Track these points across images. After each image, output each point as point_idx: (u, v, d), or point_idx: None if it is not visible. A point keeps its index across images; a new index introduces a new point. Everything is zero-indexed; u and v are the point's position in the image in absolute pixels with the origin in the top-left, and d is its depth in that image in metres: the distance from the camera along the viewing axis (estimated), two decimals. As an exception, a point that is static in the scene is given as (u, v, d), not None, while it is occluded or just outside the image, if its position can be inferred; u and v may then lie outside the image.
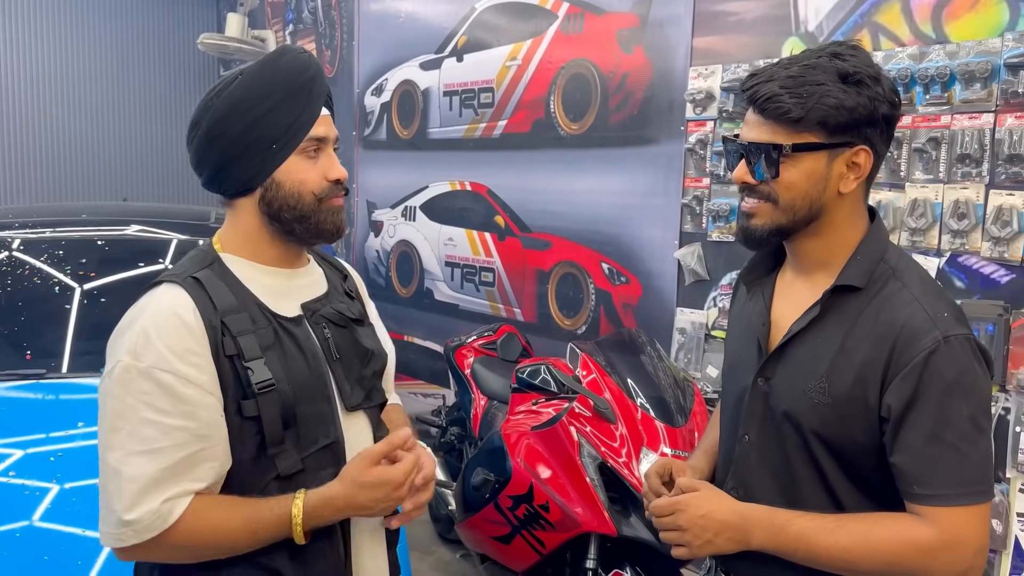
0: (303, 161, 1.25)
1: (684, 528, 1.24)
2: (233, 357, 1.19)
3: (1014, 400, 2.51)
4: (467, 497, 2.76)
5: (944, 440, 1.13)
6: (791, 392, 1.24)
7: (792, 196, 1.20)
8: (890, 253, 1.25)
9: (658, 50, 3.51)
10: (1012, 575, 2.55)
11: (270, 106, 1.22)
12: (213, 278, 1.24)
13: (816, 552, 1.18)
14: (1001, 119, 2.51)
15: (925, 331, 1.14)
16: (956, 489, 1.13)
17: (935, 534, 1.13)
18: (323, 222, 1.28)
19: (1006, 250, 2.51)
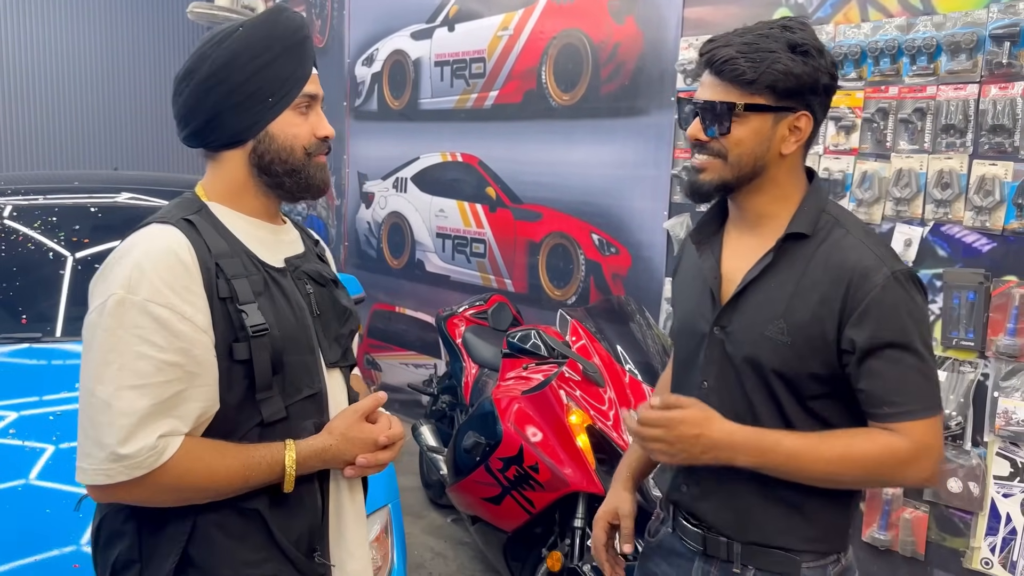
0: (296, 116, 1.27)
1: (672, 442, 1.27)
2: (226, 300, 1.19)
3: (992, 366, 2.57)
4: (458, 461, 2.81)
5: (906, 363, 1.26)
6: (750, 336, 1.33)
7: (740, 152, 1.31)
8: (830, 206, 1.37)
9: (649, 20, 3.52)
10: (988, 535, 2.63)
11: (269, 59, 1.24)
12: (204, 223, 1.24)
13: (802, 466, 1.28)
14: (985, 90, 2.54)
15: (875, 269, 1.27)
16: (921, 404, 1.27)
17: (908, 444, 1.26)
18: (312, 176, 1.30)
19: (988, 219, 2.55)
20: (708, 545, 1.38)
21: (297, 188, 1.30)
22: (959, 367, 2.63)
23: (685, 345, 1.45)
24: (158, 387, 1.13)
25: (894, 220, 2.76)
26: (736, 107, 1.29)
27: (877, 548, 2.84)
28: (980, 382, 2.60)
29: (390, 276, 5.10)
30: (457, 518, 3.65)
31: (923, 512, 2.74)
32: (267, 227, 1.32)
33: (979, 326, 2.57)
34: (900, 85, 2.72)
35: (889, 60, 2.73)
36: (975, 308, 2.58)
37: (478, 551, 3.38)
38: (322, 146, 1.31)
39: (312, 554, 1.28)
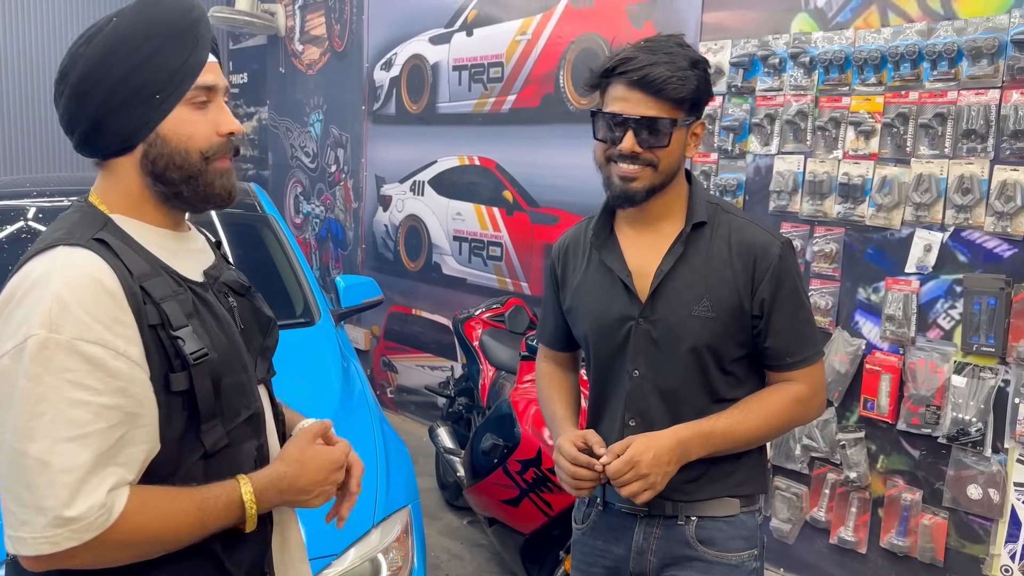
0: (191, 112, 1.10)
1: (647, 473, 1.40)
2: (157, 327, 1.05)
3: (1013, 372, 2.56)
4: (475, 463, 2.82)
5: (800, 318, 1.51)
6: (678, 319, 1.49)
7: (670, 161, 1.47)
8: (708, 196, 1.58)
9: (668, 25, 3.53)
10: (1008, 542, 2.61)
11: (151, 50, 1.07)
12: (116, 240, 1.07)
13: (737, 439, 1.48)
14: (1007, 95, 2.54)
15: (771, 243, 1.50)
16: (813, 349, 1.53)
17: (807, 387, 1.52)
18: (212, 184, 1.13)
19: (1009, 225, 2.54)
20: (652, 507, 1.51)
21: (196, 197, 1.13)
22: (979, 373, 2.62)
23: (605, 342, 1.56)
24: (99, 435, 0.98)
25: (914, 225, 2.75)
26: (677, 123, 1.44)
27: (896, 554, 2.84)
28: (1001, 388, 2.59)
29: (407, 279, 5.13)
30: (473, 520, 3.66)
31: (942, 519, 2.73)
32: (175, 237, 1.17)
33: (1000, 332, 2.56)
34: (920, 90, 2.72)
35: (910, 65, 2.73)
36: (996, 314, 2.57)
37: (495, 553, 3.39)
38: (225, 145, 1.13)
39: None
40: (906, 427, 2.78)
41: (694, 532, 1.52)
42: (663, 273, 1.49)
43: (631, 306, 1.52)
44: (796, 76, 3.03)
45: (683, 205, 1.54)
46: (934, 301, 2.72)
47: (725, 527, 1.53)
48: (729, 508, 1.53)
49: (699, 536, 1.52)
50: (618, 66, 1.44)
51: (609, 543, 1.58)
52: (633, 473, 1.39)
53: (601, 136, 1.49)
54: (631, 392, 1.53)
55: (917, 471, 2.79)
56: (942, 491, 2.71)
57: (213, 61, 1.14)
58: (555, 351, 1.74)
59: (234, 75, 6.90)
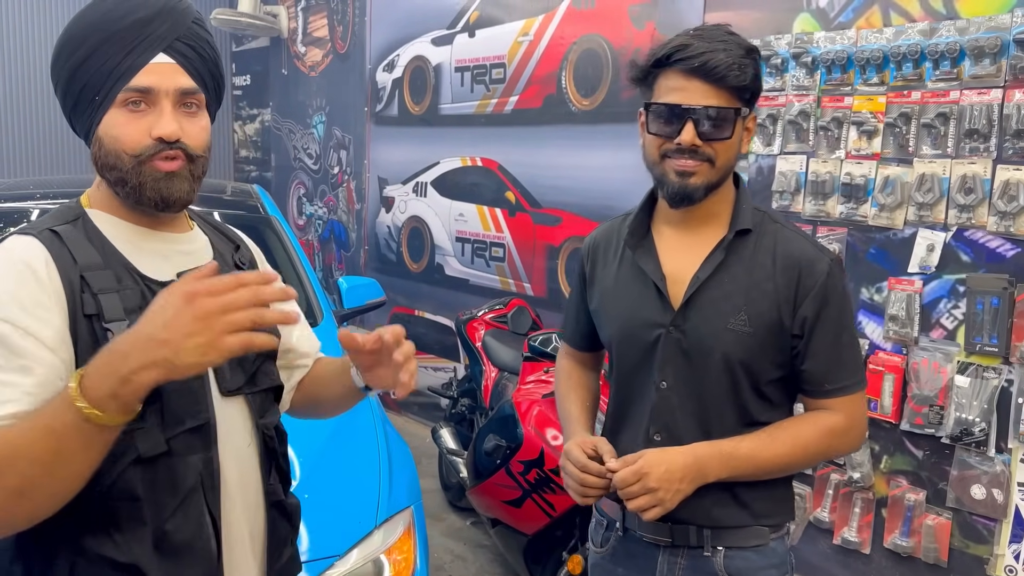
0: (123, 115, 1.09)
1: (655, 488, 1.31)
2: (92, 317, 1.04)
3: (1017, 372, 2.55)
4: (478, 464, 2.83)
5: (843, 342, 1.40)
6: (712, 330, 1.38)
7: (728, 156, 1.38)
8: (757, 204, 1.46)
9: (670, 26, 3.53)
10: (1012, 542, 2.61)
11: (87, 52, 1.08)
12: (75, 233, 1.10)
13: (761, 464, 1.38)
14: (1009, 94, 2.53)
15: (818, 259, 1.39)
16: (854, 378, 1.41)
17: (843, 418, 1.40)
18: (143, 187, 1.09)
19: (1012, 224, 2.54)
20: (676, 536, 1.42)
21: (131, 200, 1.11)
22: (983, 373, 2.62)
23: (632, 349, 1.45)
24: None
25: (916, 225, 2.75)
26: (741, 112, 1.35)
27: (899, 555, 2.83)
28: (1004, 388, 2.58)
29: (410, 280, 5.13)
30: (476, 521, 3.66)
31: (946, 519, 2.73)
32: (158, 236, 1.16)
33: (1003, 332, 2.56)
34: (923, 90, 2.72)
35: (912, 65, 2.72)
36: (999, 314, 2.56)
37: (497, 554, 3.39)
38: (157, 147, 1.09)
39: None
40: (909, 427, 2.77)
41: (723, 564, 1.41)
42: (700, 280, 1.39)
43: (662, 313, 1.41)
44: (798, 76, 3.03)
45: (728, 209, 1.43)
46: (937, 301, 2.72)
47: (756, 557, 1.42)
48: (759, 537, 1.42)
49: (729, 568, 1.41)
50: (673, 54, 1.34)
51: (631, 572, 1.48)
52: (640, 485, 1.31)
53: (656, 130, 1.37)
54: (657, 404, 1.42)
55: (921, 471, 2.79)
56: (946, 491, 2.71)
57: (166, 62, 1.10)
58: (577, 350, 1.66)
59: (237, 77, 6.92)
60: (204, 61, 1.15)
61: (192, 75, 1.13)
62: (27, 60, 6.12)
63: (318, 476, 2.07)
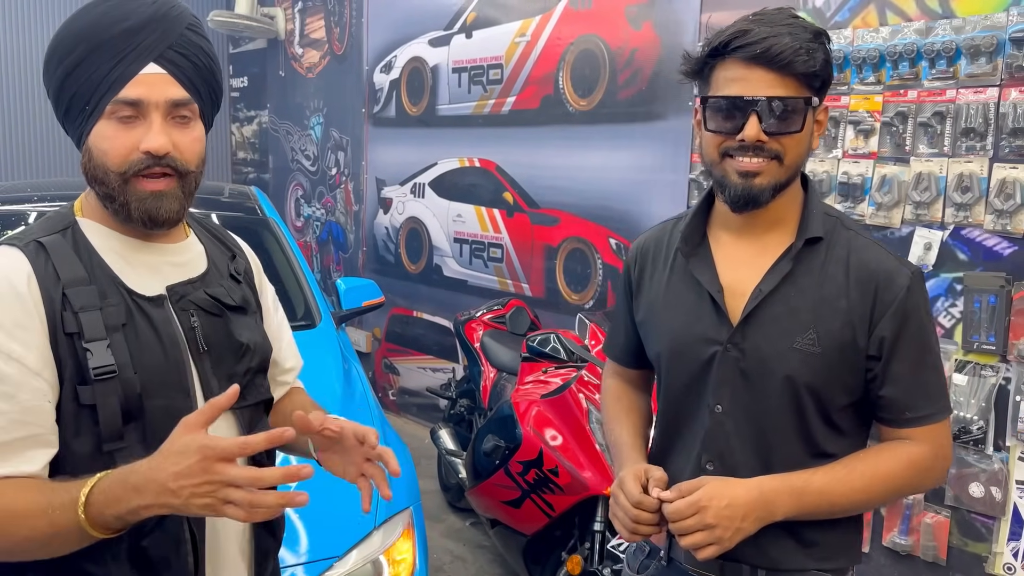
0: (114, 127, 1.06)
1: (713, 524, 1.16)
2: (73, 336, 1.02)
3: (1014, 370, 2.56)
4: (477, 464, 2.83)
5: (927, 364, 1.25)
6: (777, 350, 1.23)
7: (798, 152, 1.22)
8: (827, 207, 1.31)
9: (667, 26, 3.54)
10: (1010, 540, 2.61)
11: (76, 60, 1.05)
12: (63, 245, 1.07)
13: (836, 501, 1.23)
14: (1006, 93, 2.54)
15: (898, 271, 1.23)
16: (939, 406, 1.25)
17: (928, 450, 1.25)
18: (128, 206, 1.07)
19: (1009, 223, 2.54)
20: (726, 571, 1.29)
21: (120, 216, 1.09)
22: (980, 371, 2.62)
23: (683, 369, 1.32)
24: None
25: (914, 224, 2.75)
26: (812, 102, 1.20)
27: (898, 553, 2.83)
28: (1002, 386, 2.59)
29: (408, 281, 5.13)
30: (476, 522, 3.67)
31: (944, 517, 2.73)
32: (150, 247, 1.13)
33: (1000, 330, 2.56)
34: (919, 89, 2.72)
35: (908, 64, 2.73)
36: (996, 312, 2.57)
37: (497, 555, 3.39)
38: (144, 161, 1.05)
39: None
40: (907, 426, 2.77)
41: None
42: (763, 294, 1.24)
43: (719, 328, 1.27)
44: (795, 76, 3.03)
45: (796, 214, 1.27)
46: (934, 299, 2.72)
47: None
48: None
49: None
50: (732, 40, 1.20)
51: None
52: (697, 519, 1.16)
53: (715, 126, 1.22)
54: (711, 430, 1.28)
55: (919, 470, 2.79)
56: (944, 489, 2.71)
57: (156, 73, 1.07)
58: (624, 367, 1.50)
59: (234, 79, 6.92)
60: (198, 69, 1.12)
61: (184, 84, 1.09)
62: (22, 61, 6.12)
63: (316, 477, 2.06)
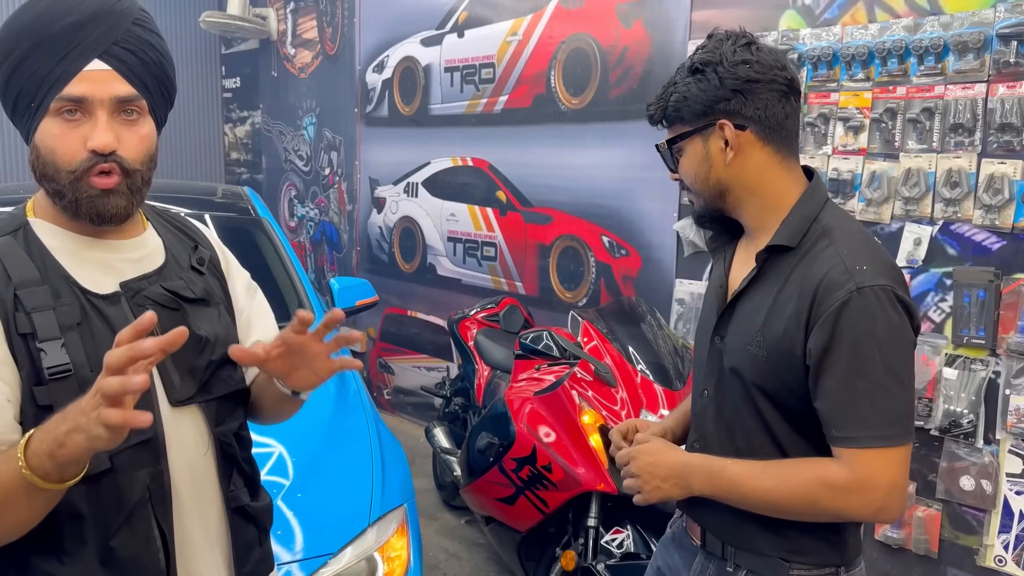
0: (58, 125, 1.05)
1: (637, 474, 1.36)
2: (27, 336, 1.02)
3: (1003, 363, 2.57)
4: (472, 462, 2.84)
5: (857, 386, 1.19)
6: (736, 347, 1.33)
7: (691, 180, 1.38)
8: (824, 213, 1.32)
9: (657, 24, 3.55)
10: (1001, 533, 2.63)
11: (20, 56, 1.04)
12: (13, 246, 1.07)
13: (745, 494, 1.29)
14: (993, 89, 2.56)
15: (841, 283, 1.21)
16: (868, 432, 1.20)
17: (848, 474, 1.21)
18: (79, 203, 1.06)
19: (997, 217, 2.56)
20: (707, 542, 1.41)
21: (69, 212, 1.08)
22: (970, 365, 2.64)
23: (698, 353, 1.48)
24: None
25: (903, 219, 2.77)
26: (670, 143, 1.39)
27: (890, 547, 2.85)
28: (991, 380, 2.61)
29: (402, 280, 5.14)
30: (471, 519, 3.68)
31: (936, 510, 2.75)
32: (103, 244, 1.13)
33: (990, 324, 2.58)
34: (908, 85, 2.74)
35: (897, 60, 2.75)
36: (985, 306, 2.59)
37: (492, 552, 3.40)
38: (93, 160, 1.05)
39: None
40: (899, 420, 2.79)
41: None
42: (736, 293, 1.36)
43: (715, 320, 1.40)
44: (785, 73, 3.04)
45: (781, 219, 1.34)
46: (924, 294, 2.74)
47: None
48: (775, 570, 1.33)
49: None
50: None
51: (678, 561, 1.50)
52: (628, 467, 1.38)
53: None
54: (699, 413, 1.44)
55: (910, 463, 2.81)
56: (935, 483, 2.73)
57: (99, 69, 1.05)
58: None
59: (227, 79, 6.91)
60: (146, 65, 1.10)
61: (131, 81, 1.07)
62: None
63: (311, 475, 2.07)
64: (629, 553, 2.39)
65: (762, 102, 1.30)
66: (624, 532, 2.42)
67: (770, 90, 1.30)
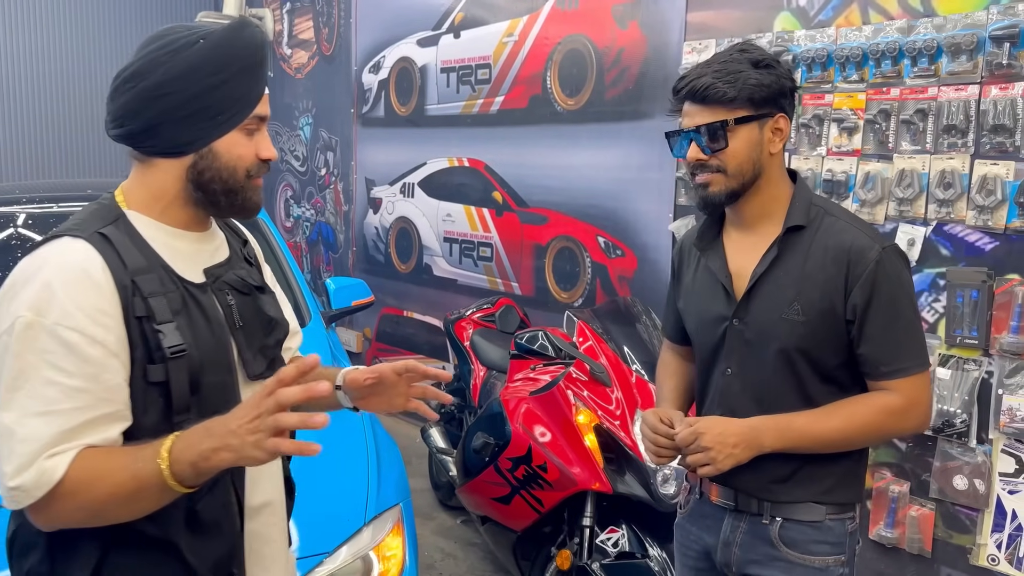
0: (243, 136, 1.24)
1: (709, 447, 1.46)
2: (143, 319, 1.14)
3: (996, 363, 2.59)
4: (467, 462, 2.84)
5: (898, 326, 1.47)
6: (769, 321, 1.51)
7: (739, 162, 1.50)
8: (815, 198, 1.57)
9: (653, 25, 3.56)
10: (994, 532, 2.65)
11: (226, 77, 1.20)
12: (120, 236, 1.18)
13: (818, 438, 1.48)
14: (986, 90, 2.57)
15: (868, 247, 1.47)
16: (912, 361, 1.48)
17: (902, 399, 1.48)
18: (248, 199, 1.27)
19: (990, 218, 2.58)
20: (740, 502, 1.57)
21: (232, 208, 1.27)
22: (963, 365, 2.65)
23: (705, 340, 1.62)
24: (64, 415, 1.08)
25: (897, 220, 2.78)
26: (728, 123, 1.48)
27: (884, 546, 2.86)
28: (984, 380, 2.62)
29: (398, 280, 5.15)
30: (467, 519, 3.68)
31: (929, 509, 2.76)
32: (188, 237, 1.27)
33: (983, 324, 2.59)
34: (901, 87, 2.75)
35: (890, 62, 2.76)
36: (978, 306, 2.60)
37: (488, 552, 3.41)
38: (263, 168, 1.28)
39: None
40: (892, 420, 2.80)
41: (778, 532, 1.54)
42: (757, 275, 1.52)
43: (728, 307, 1.56)
44: (780, 74, 3.06)
45: (783, 208, 1.55)
46: (918, 294, 2.76)
47: (810, 531, 1.53)
48: (815, 514, 1.53)
49: (783, 537, 1.54)
50: (676, 84, 1.55)
51: (702, 531, 1.64)
52: (697, 443, 1.47)
53: (675, 154, 1.57)
54: (723, 389, 1.58)
55: (904, 463, 2.82)
56: (929, 483, 2.74)
57: (266, 94, 1.26)
58: (674, 343, 1.82)
59: (223, 80, 6.90)
60: None
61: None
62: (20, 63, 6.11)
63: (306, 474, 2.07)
64: (624, 552, 2.40)
65: (794, 106, 1.56)
66: (619, 531, 2.43)
67: (795, 96, 1.56)
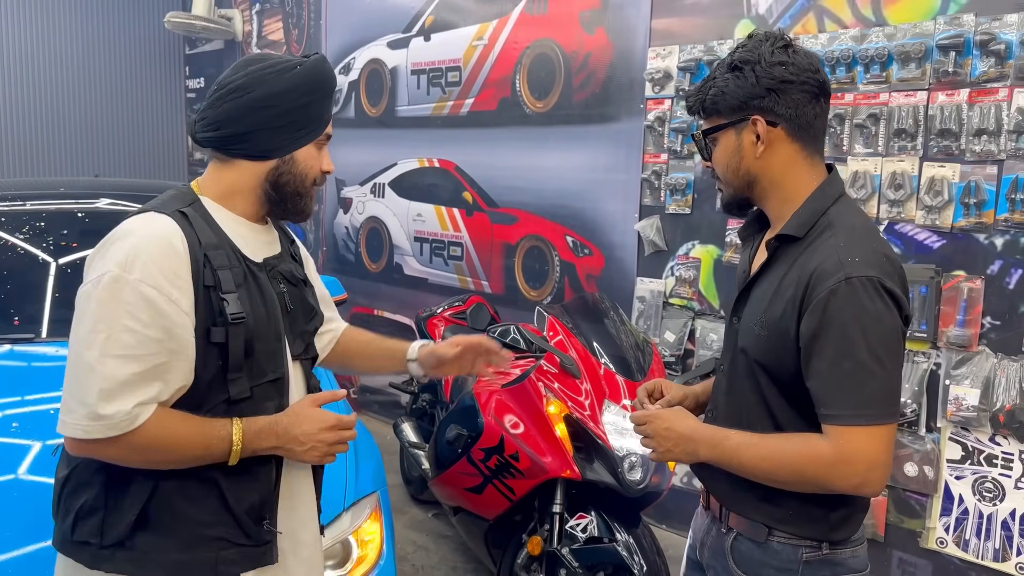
0: (315, 149, 1.48)
1: (651, 436, 1.49)
2: (210, 288, 1.33)
3: (944, 355, 2.73)
4: (440, 454, 2.91)
5: (843, 368, 1.29)
6: (746, 327, 1.46)
7: (721, 170, 1.49)
8: (834, 208, 1.41)
9: (619, 31, 3.67)
10: (942, 516, 2.78)
11: (314, 99, 1.44)
12: (196, 216, 1.38)
13: (743, 463, 1.40)
14: (934, 96, 2.71)
15: (831, 273, 1.31)
16: (852, 411, 1.30)
17: (832, 449, 1.31)
18: (308, 204, 1.49)
19: (938, 218, 2.72)
20: (710, 503, 1.57)
21: (294, 210, 1.48)
22: (913, 357, 2.79)
23: (724, 332, 1.63)
24: (140, 359, 1.26)
25: (851, 219, 2.91)
26: (707, 132, 1.49)
27: (840, 531, 2.98)
28: (933, 371, 2.76)
29: (368, 280, 5.19)
30: (438, 513, 3.75)
31: (882, 496, 2.89)
32: (251, 226, 1.47)
33: (931, 318, 2.73)
34: (855, 92, 2.89)
35: (844, 69, 2.89)
36: (927, 301, 2.74)
37: (459, 543, 3.48)
38: (323, 179, 1.51)
39: (261, 522, 1.40)
40: (847, 410, 2.92)
41: (731, 543, 1.49)
42: (750, 278, 1.50)
43: (735, 303, 1.54)
44: (741, 79, 3.17)
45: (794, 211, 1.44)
46: (871, 291, 2.88)
47: (757, 551, 1.45)
48: (758, 533, 1.45)
49: (733, 550, 1.49)
50: None
51: (700, 524, 1.63)
52: (643, 428, 1.50)
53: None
54: (716, 384, 1.59)
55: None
56: (881, 469, 2.87)
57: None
58: None
59: (191, 80, 6.89)
60: None
61: None
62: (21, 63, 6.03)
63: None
64: (593, 537, 2.48)
65: (793, 101, 1.40)
66: (588, 517, 2.51)
67: (802, 91, 1.40)
